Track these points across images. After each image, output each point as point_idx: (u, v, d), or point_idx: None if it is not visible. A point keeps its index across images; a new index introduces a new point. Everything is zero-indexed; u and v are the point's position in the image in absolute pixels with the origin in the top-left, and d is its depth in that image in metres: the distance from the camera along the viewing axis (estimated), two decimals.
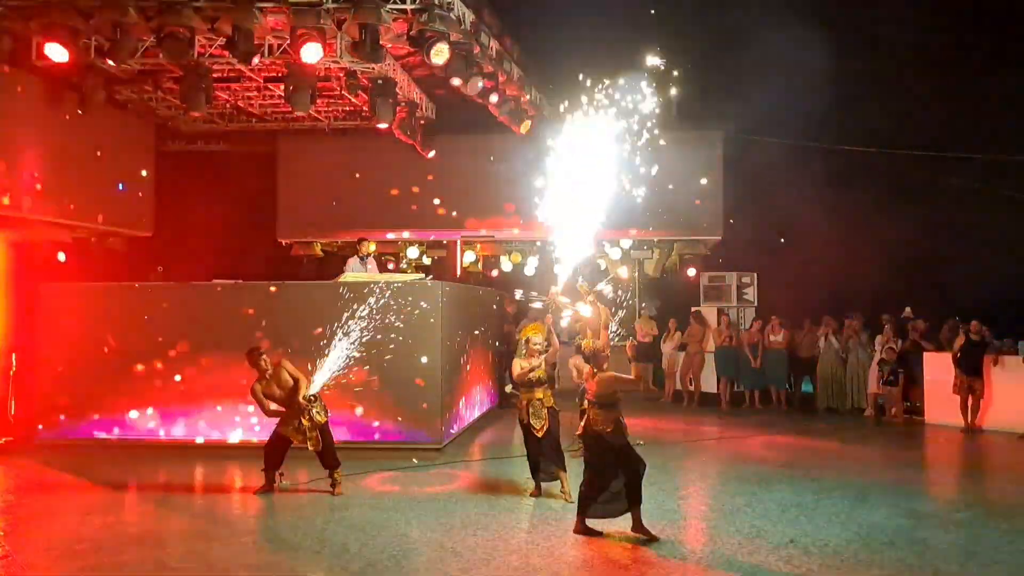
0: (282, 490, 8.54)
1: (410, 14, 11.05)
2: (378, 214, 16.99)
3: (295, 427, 8.39)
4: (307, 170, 17.40)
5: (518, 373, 8.25)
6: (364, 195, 17.11)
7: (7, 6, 10.75)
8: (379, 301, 10.30)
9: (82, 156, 14.36)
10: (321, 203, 17.23)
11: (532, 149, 15.78)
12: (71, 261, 15.23)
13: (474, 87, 12.66)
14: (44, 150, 13.52)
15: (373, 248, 13.53)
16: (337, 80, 13.44)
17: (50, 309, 11.02)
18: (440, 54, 11.25)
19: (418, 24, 11.11)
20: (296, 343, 9.93)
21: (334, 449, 8.58)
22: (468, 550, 6.60)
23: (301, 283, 11.83)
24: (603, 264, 18.80)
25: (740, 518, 7.54)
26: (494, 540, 6.87)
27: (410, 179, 16.73)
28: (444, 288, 10.99)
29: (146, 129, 16.50)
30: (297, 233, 17.65)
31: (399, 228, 17.32)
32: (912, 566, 6.31)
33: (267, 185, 17.52)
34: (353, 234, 16.06)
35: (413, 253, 18.24)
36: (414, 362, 10.46)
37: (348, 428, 10.32)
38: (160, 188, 16.87)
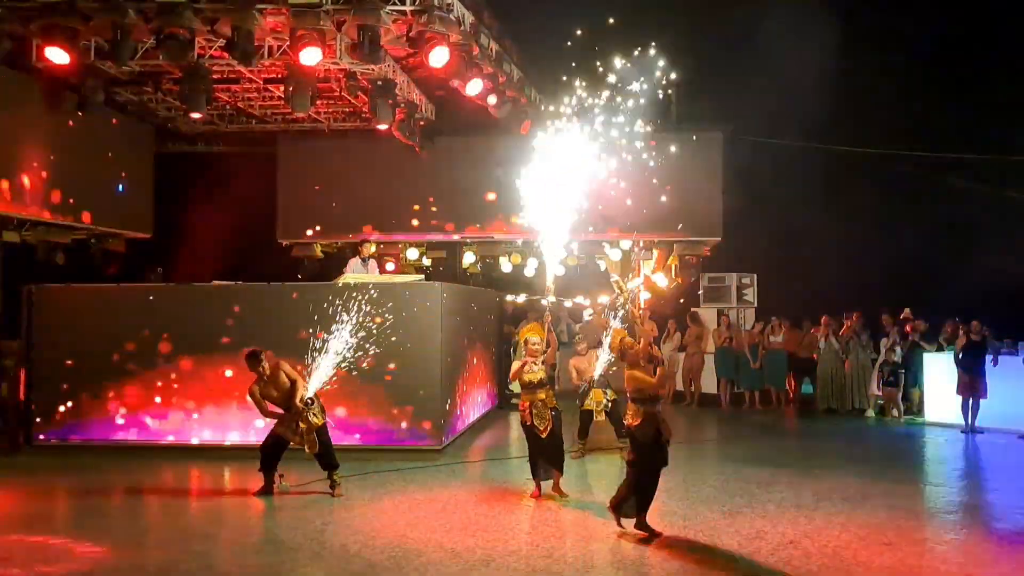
0: (282, 491, 8.54)
1: (409, 15, 11.05)
2: (378, 215, 16.98)
3: (293, 429, 8.39)
4: (307, 171, 17.39)
5: (513, 372, 8.29)
6: (364, 196, 17.11)
7: (6, 8, 10.75)
8: (379, 302, 10.30)
9: (82, 158, 14.37)
10: (321, 204, 17.23)
11: (531, 150, 15.82)
12: (70, 262, 15.25)
13: (473, 88, 12.66)
14: (44, 152, 13.54)
15: (374, 250, 13.54)
16: (337, 81, 13.45)
17: (48, 311, 11.01)
18: (439, 56, 11.25)
19: (418, 25, 11.10)
20: (294, 344, 9.92)
21: (333, 450, 8.58)
22: (468, 551, 6.60)
23: (300, 284, 11.83)
24: (603, 265, 18.81)
25: (740, 519, 7.54)
26: (494, 541, 6.87)
27: (410, 180, 16.72)
28: (444, 289, 10.98)
29: (146, 131, 16.51)
30: (297, 234, 17.64)
31: (399, 229, 17.32)
32: (912, 567, 6.31)
33: (267, 186, 17.51)
34: (353, 236, 16.08)
35: (413, 254, 18.24)
36: (414, 363, 10.46)
37: (346, 429, 10.32)
38: (160, 190, 16.88)
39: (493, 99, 13.38)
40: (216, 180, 17.35)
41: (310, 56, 10.98)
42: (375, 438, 10.47)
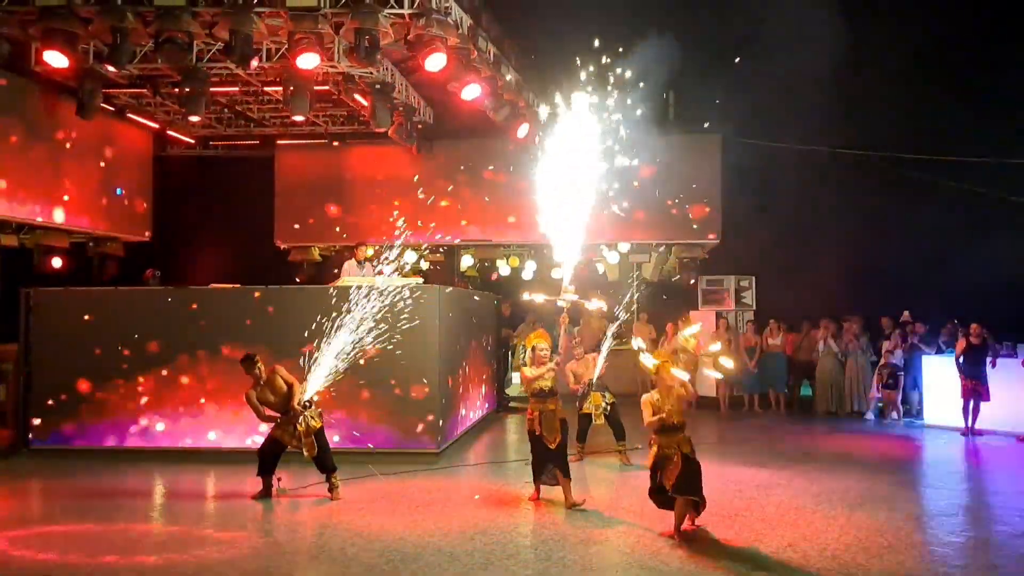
0: (280, 494, 8.53)
1: (407, 18, 11.04)
2: (375, 218, 16.99)
3: (290, 432, 8.38)
4: (305, 175, 17.40)
5: (527, 380, 8.16)
6: (361, 199, 17.12)
7: (5, 11, 10.75)
8: (376, 305, 10.27)
9: (80, 161, 14.37)
10: (319, 208, 17.23)
11: (529, 153, 15.83)
12: (69, 265, 15.24)
13: (470, 93, 12.65)
14: (42, 155, 13.54)
15: (371, 252, 13.53)
16: (335, 85, 13.45)
17: (47, 314, 10.99)
18: (436, 60, 11.25)
19: (415, 28, 11.10)
20: (292, 348, 9.89)
21: (330, 454, 8.58)
22: (466, 554, 6.59)
23: (297, 287, 11.84)
24: (601, 268, 18.79)
25: (739, 522, 7.53)
26: (492, 544, 6.86)
27: (408, 183, 16.72)
28: (442, 292, 10.97)
29: (144, 134, 16.51)
30: (295, 237, 17.64)
31: (396, 232, 17.32)
32: (912, 570, 6.30)
33: (265, 190, 17.53)
34: (350, 239, 16.07)
35: (411, 257, 18.23)
36: (412, 366, 10.44)
37: (345, 433, 10.30)
38: (158, 193, 16.88)
39: (489, 104, 13.36)
40: (214, 183, 17.36)
41: (308, 60, 10.98)
42: (373, 441, 10.44)
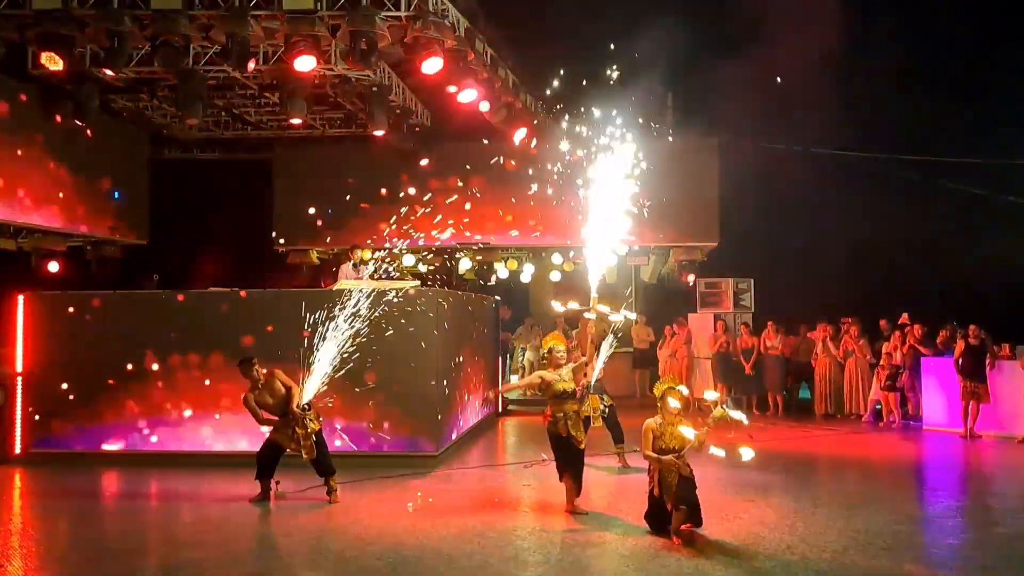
0: (279, 498, 8.51)
1: (404, 21, 11.04)
2: (373, 221, 16.96)
3: (289, 435, 8.36)
4: (302, 178, 17.38)
5: (545, 383, 7.96)
6: (360, 202, 17.09)
7: (2, 15, 10.74)
8: (375, 308, 10.25)
9: (77, 164, 14.35)
10: (317, 211, 17.20)
11: (527, 155, 15.84)
12: (66, 269, 15.21)
13: (466, 96, 12.63)
14: (39, 158, 13.52)
15: (368, 256, 13.51)
16: (332, 87, 13.45)
17: (45, 318, 10.97)
18: (433, 64, 11.24)
19: (412, 31, 11.10)
20: (290, 351, 9.87)
21: (329, 457, 8.56)
22: (464, 557, 6.58)
23: (295, 291, 11.80)
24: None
25: (738, 525, 7.52)
26: (490, 547, 6.84)
27: (405, 185, 16.71)
28: (440, 295, 10.96)
29: (142, 137, 16.50)
30: (293, 241, 17.62)
31: (394, 235, 17.31)
32: (911, 572, 6.29)
33: (263, 193, 17.51)
34: (348, 241, 16.05)
35: (409, 260, 18.21)
36: (411, 369, 10.42)
37: (344, 436, 10.27)
38: (155, 196, 16.86)
39: (486, 106, 13.34)
40: (212, 187, 17.34)
41: (305, 62, 10.97)
42: (371, 444, 10.42)
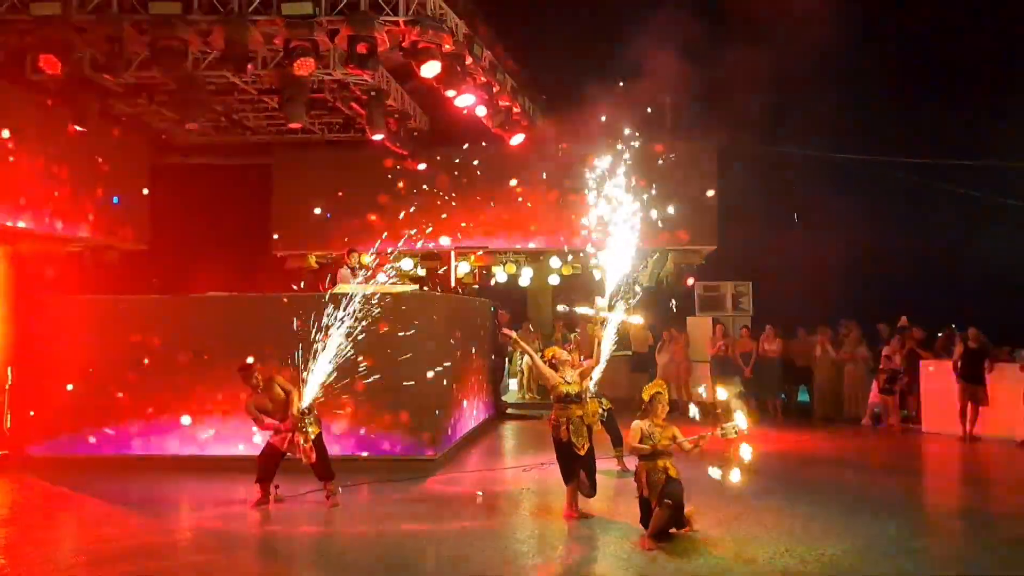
0: (278, 502, 8.51)
1: (403, 25, 11.06)
2: (372, 225, 16.98)
3: (289, 439, 8.36)
4: (301, 182, 17.39)
5: (550, 385, 7.94)
6: (358, 206, 17.10)
7: (1, 20, 10.75)
8: (373, 312, 10.26)
9: (77, 169, 14.35)
10: (316, 215, 17.22)
11: (525, 159, 15.86)
12: (66, 274, 15.19)
13: (464, 101, 12.64)
14: (38, 164, 13.52)
15: (367, 259, 13.50)
16: (331, 92, 13.46)
17: (45, 322, 10.98)
18: (431, 68, 11.26)
19: (411, 35, 11.12)
20: (289, 356, 9.86)
21: (329, 461, 8.56)
22: (464, 560, 6.58)
23: (294, 295, 11.79)
24: (598, 275, 18.75)
25: (736, 528, 7.53)
26: (490, 550, 6.85)
27: (404, 189, 16.72)
28: (438, 299, 10.96)
29: (141, 142, 16.50)
30: (293, 245, 17.63)
31: (393, 239, 17.33)
32: (910, 575, 6.29)
33: (262, 198, 17.51)
34: (347, 246, 16.06)
35: (407, 264, 18.21)
36: (409, 373, 10.42)
37: (344, 440, 10.27)
38: (155, 201, 16.86)
39: (483, 111, 13.34)
40: (211, 192, 17.33)
41: (304, 67, 10.98)
42: (371, 448, 10.42)
